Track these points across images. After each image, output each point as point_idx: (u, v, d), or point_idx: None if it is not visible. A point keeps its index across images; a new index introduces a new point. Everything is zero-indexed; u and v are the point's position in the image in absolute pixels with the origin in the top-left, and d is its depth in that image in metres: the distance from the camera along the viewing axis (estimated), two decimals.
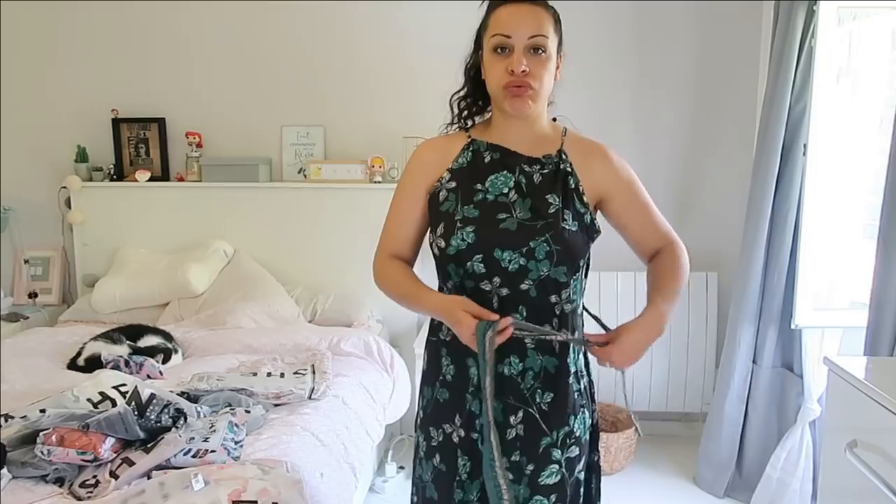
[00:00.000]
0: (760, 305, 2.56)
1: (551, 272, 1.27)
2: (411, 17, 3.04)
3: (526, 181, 1.31)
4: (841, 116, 2.36)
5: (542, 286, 1.28)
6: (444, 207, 1.32)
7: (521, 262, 1.26)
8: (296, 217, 3.13)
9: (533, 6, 1.26)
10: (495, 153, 1.34)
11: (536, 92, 1.27)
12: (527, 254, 1.26)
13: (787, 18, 2.36)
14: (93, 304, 2.99)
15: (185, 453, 1.64)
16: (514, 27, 1.24)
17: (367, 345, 2.64)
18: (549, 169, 1.32)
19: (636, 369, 3.06)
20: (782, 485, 2.51)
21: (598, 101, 3.08)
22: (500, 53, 1.26)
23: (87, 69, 3.24)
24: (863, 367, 1.54)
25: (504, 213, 1.29)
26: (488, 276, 1.28)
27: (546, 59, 1.27)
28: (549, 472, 1.32)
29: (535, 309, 1.29)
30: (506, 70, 1.25)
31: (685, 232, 3.09)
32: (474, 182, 1.32)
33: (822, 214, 2.40)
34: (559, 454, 1.32)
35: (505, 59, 1.25)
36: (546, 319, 1.30)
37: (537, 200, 1.29)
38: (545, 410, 1.31)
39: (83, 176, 3.18)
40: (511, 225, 1.28)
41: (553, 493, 1.32)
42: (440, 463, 1.36)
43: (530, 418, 1.31)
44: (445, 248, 1.29)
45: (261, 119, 3.21)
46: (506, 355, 1.28)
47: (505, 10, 1.26)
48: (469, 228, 1.27)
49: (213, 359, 2.49)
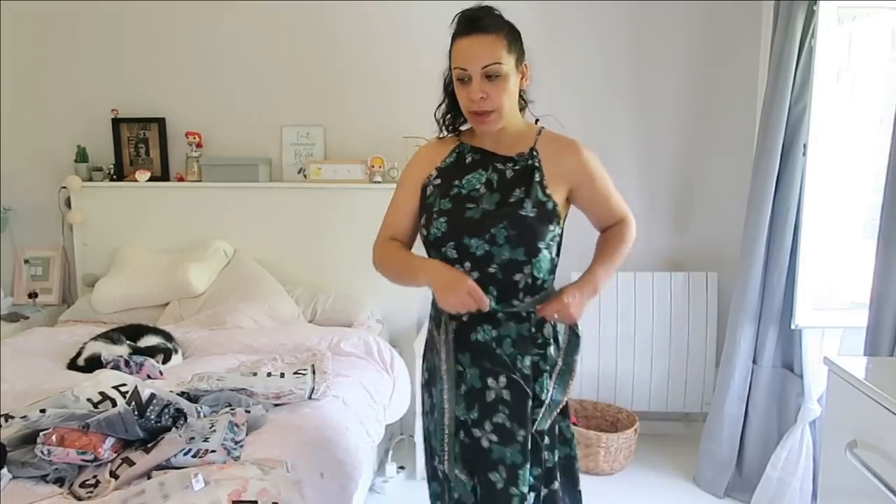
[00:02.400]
0: (760, 305, 2.56)
1: (512, 254, 1.43)
2: (411, 17, 3.04)
3: (498, 177, 1.50)
4: (841, 116, 2.36)
5: (506, 268, 1.45)
6: (428, 201, 1.52)
7: (485, 247, 1.44)
8: (296, 217, 3.13)
9: (484, 37, 1.41)
10: (476, 154, 1.54)
11: (497, 111, 1.45)
12: (489, 240, 1.43)
13: (787, 18, 2.36)
14: (93, 304, 2.99)
15: (185, 453, 1.64)
16: (470, 61, 1.41)
17: (367, 345, 2.64)
18: (520, 165, 1.50)
19: (636, 369, 3.07)
20: (782, 485, 2.51)
21: (598, 100, 3.08)
22: (462, 83, 1.44)
23: (87, 69, 3.24)
24: (863, 367, 1.54)
25: (471, 204, 1.48)
26: (460, 260, 1.46)
27: (502, 81, 1.43)
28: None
29: (503, 287, 1.46)
30: (468, 99, 1.44)
31: (685, 232, 3.14)
32: (454, 179, 1.52)
33: (822, 214, 2.40)
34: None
35: (467, 87, 1.44)
36: (514, 295, 1.47)
37: (504, 194, 1.47)
38: (527, 374, 1.46)
39: (83, 176, 3.18)
40: (475, 214, 1.46)
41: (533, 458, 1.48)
42: (430, 419, 1.57)
43: (514, 383, 1.46)
44: (427, 236, 1.50)
45: (261, 119, 3.21)
46: (477, 324, 1.47)
47: (462, 44, 1.43)
48: (442, 219, 1.47)
49: (213, 359, 2.49)
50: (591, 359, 3.08)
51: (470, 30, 1.43)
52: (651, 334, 3.05)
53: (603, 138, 3.10)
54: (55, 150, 3.27)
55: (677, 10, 2.99)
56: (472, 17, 1.44)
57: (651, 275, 3.04)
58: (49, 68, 3.26)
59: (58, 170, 3.25)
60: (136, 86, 3.24)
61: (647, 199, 3.12)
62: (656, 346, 3.05)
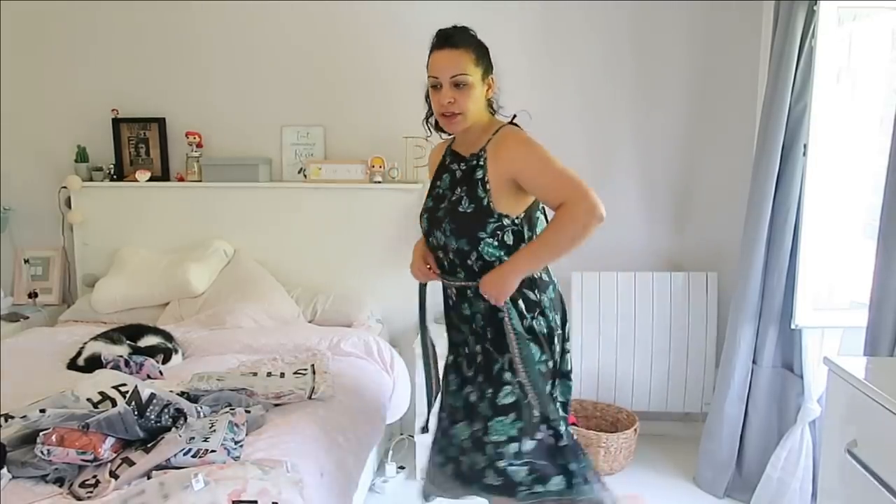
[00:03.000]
0: (760, 305, 2.56)
1: (458, 244, 1.72)
2: (411, 17, 3.03)
3: (450, 177, 1.77)
4: (841, 116, 2.35)
5: (458, 254, 1.74)
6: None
7: (443, 239, 1.75)
8: (296, 217, 3.13)
9: (454, 51, 1.66)
10: (450, 156, 1.81)
11: (463, 115, 1.68)
12: (444, 232, 1.73)
13: (787, 18, 2.36)
14: (93, 304, 2.99)
15: (185, 453, 1.64)
16: (441, 71, 1.66)
17: (367, 345, 2.64)
18: (467, 165, 1.73)
19: (636, 369, 3.06)
20: (782, 485, 2.51)
21: (598, 100, 3.08)
22: (435, 89, 1.69)
23: (87, 69, 3.24)
24: (863, 367, 1.54)
25: (442, 203, 1.76)
26: (436, 249, 1.79)
27: (468, 89, 1.66)
28: (505, 393, 1.70)
29: (464, 269, 1.75)
30: (438, 103, 1.69)
31: (685, 232, 3.14)
32: (437, 179, 1.82)
33: (822, 214, 2.40)
34: (510, 376, 1.70)
35: (438, 94, 1.68)
36: (475, 276, 1.73)
37: (452, 192, 1.74)
38: (491, 339, 1.74)
39: (83, 176, 3.18)
40: (441, 211, 1.75)
41: (511, 412, 1.68)
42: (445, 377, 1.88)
43: (485, 350, 1.76)
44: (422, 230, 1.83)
45: (261, 119, 3.21)
46: (461, 302, 1.78)
47: (435, 57, 1.68)
48: (425, 216, 1.80)
49: (213, 359, 2.49)
50: (591, 359, 3.09)
51: (443, 44, 1.67)
52: (651, 334, 3.05)
53: (603, 138, 3.10)
54: (55, 150, 3.27)
55: (677, 11, 2.99)
56: (446, 34, 1.68)
57: (651, 275, 3.04)
58: (49, 68, 3.26)
59: (58, 170, 3.25)
60: (136, 86, 3.24)
61: (647, 199, 3.13)
62: (656, 346, 3.05)
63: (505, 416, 1.67)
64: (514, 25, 3.04)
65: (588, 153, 3.11)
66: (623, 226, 3.10)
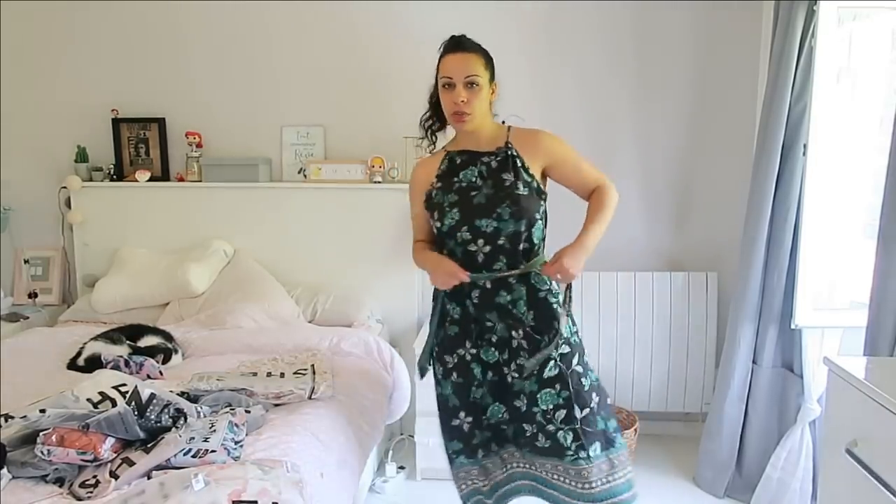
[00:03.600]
0: (760, 305, 2.56)
1: (515, 227, 1.77)
2: (411, 17, 3.04)
3: (486, 169, 1.82)
4: (841, 116, 2.35)
5: (511, 239, 1.78)
6: (436, 200, 1.84)
7: (494, 224, 1.77)
8: (296, 217, 3.13)
9: (467, 54, 1.77)
10: (464, 156, 1.86)
11: (473, 114, 1.78)
12: (496, 218, 1.76)
13: (787, 18, 2.36)
14: (93, 304, 2.99)
15: (185, 453, 1.64)
16: (455, 71, 1.76)
17: (367, 345, 2.64)
18: (501, 157, 1.83)
19: (636, 369, 3.07)
20: (782, 485, 2.51)
21: (598, 100, 3.08)
22: (447, 89, 1.78)
23: (87, 69, 3.24)
24: (863, 367, 1.54)
25: (474, 192, 1.80)
26: (473, 240, 1.79)
27: (479, 90, 1.77)
28: (549, 367, 1.81)
29: (509, 256, 1.79)
30: (451, 102, 1.78)
31: (685, 232, 3.14)
32: (452, 177, 1.84)
33: (822, 214, 2.39)
34: (554, 352, 1.80)
35: (451, 94, 1.78)
36: (518, 260, 1.80)
37: (496, 180, 1.80)
38: (533, 325, 1.82)
39: (83, 176, 3.19)
40: (482, 199, 1.78)
41: (556, 384, 1.80)
42: (458, 378, 1.87)
43: (527, 333, 1.82)
44: (441, 227, 1.82)
45: (261, 119, 3.21)
46: (498, 290, 1.81)
47: (449, 59, 1.78)
48: (455, 209, 1.80)
49: (213, 359, 2.49)
50: (591, 359, 3.06)
51: (456, 48, 1.78)
52: (651, 334, 3.05)
53: (603, 138, 3.10)
54: (55, 150, 3.27)
55: (677, 10, 2.99)
56: (458, 40, 1.79)
57: (651, 275, 3.04)
58: (49, 68, 3.26)
59: (58, 170, 3.25)
60: (136, 86, 3.24)
61: (647, 199, 3.13)
62: (656, 346, 3.05)
63: (552, 387, 1.81)
64: (514, 26, 3.04)
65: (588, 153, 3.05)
66: (623, 226, 3.10)
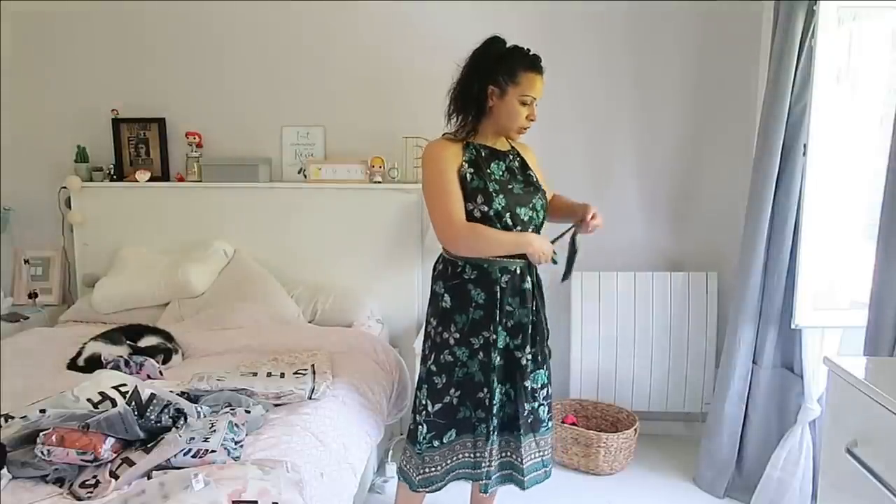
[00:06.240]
0: (760, 305, 2.56)
1: (542, 218, 2.04)
2: (411, 17, 3.03)
3: (508, 166, 2.02)
4: (841, 116, 2.35)
5: (537, 229, 2.04)
6: (473, 185, 1.93)
7: (530, 214, 1.99)
8: (296, 217, 3.14)
9: (542, 77, 1.95)
10: (486, 150, 2.00)
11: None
12: (532, 208, 1.99)
13: (787, 18, 2.36)
14: (93, 304, 2.99)
15: (185, 453, 1.64)
16: (536, 92, 1.94)
17: (367, 345, 2.64)
18: (518, 159, 2.07)
19: (636, 369, 3.07)
20: (782, 485, 2.51)
21: (598, 100, 3.08)
22: (523, 105, 1.94)
23: (87, 69, 3.24)
24: (863, 367, 1.54)
25: (510, 185, 1.98)
26: (514, 225, 1.96)
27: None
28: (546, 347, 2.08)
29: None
30: (525, 117, 1.96)
31: (685, 232, 3.14)
32: (483, 168, 1.96)
33: (823, 214, 2.39)
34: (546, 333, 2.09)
35: (526, 109, 1.95)
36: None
37: (524, 176, 2.04)
38: (540, 303, 2.06)
39: (83, 176, 3.19)
40: (519, 191, 1.99)
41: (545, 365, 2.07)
42: (484, 357, 1.99)
43: (536, 315, 2.03)
44: (488, 211, 1.92)
45: (261, 119, 3.21)
46: (523, 278, 2.00)
47: (534, 79, 1.93)
48: (501, 196, 1.94)
49: (213, 359, 2.49)
50: (591, 359, 3.09)
51: (539, 69, 1.94)
52: (651, 334, 3.05)
53: (603, 138, 3.10)
54: (55, 150, 3.27)
55: (677, 10, 2.99)
56: (538, 60, 1.95)
57: (651, 275, 3.04)
58: (49, 68, 3.26)
59: (58, 170, 3.25)
60: (136, 86, 3.24)
61: (647, 199, 3.13)
62: (656, 346, 3.05)
63: (543, 368, 2.05)
64: (514, 26, 3.02)
65: (588, 153, 3.12)
66: (623, 226, 3.10)
